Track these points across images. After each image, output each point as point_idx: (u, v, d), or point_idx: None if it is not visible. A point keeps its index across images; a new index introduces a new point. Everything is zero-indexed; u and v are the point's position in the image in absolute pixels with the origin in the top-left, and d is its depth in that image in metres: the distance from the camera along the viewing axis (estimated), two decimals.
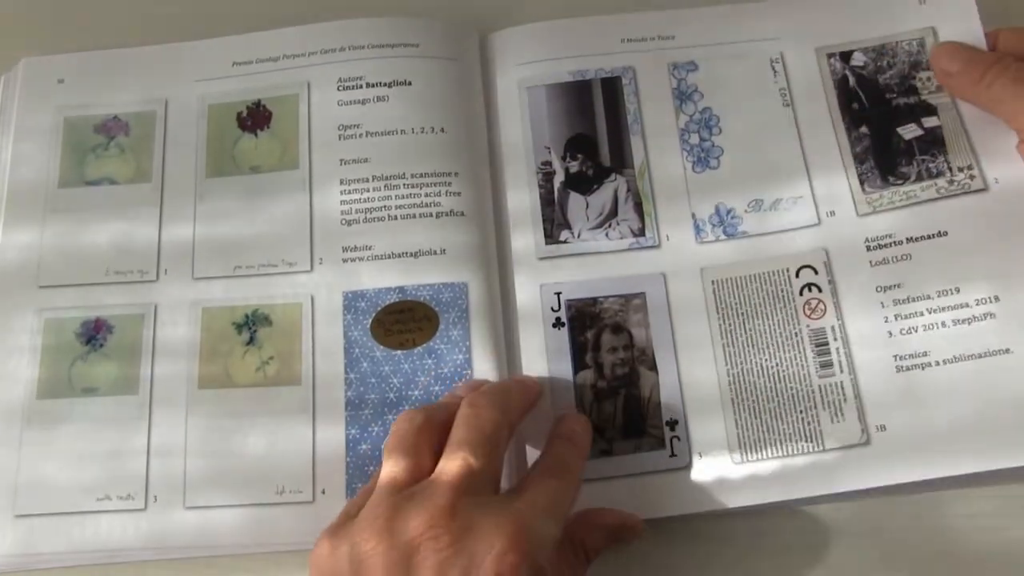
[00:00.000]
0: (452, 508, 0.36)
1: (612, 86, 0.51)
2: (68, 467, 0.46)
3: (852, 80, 0.50)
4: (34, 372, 0.48)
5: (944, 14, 0.50)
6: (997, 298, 0.45)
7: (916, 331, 0.45)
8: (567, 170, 0.50)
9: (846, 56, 0.51)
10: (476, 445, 0.39)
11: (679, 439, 0.46)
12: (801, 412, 0.45)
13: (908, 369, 0.45)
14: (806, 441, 0.45)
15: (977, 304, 0.45)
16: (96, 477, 0.46)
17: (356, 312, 0.48)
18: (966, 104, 0.49)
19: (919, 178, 0.48)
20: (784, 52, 0.51)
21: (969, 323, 0.45)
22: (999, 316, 0.45)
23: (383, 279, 0.49)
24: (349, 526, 0.38)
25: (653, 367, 0.47)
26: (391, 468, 0.39)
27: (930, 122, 0.49)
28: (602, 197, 0.50)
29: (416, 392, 0.47)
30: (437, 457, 0.39)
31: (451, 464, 0.38)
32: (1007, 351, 0.45)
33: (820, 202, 0.49)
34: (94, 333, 0.49)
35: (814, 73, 0.51)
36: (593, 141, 0.51)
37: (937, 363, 0.45)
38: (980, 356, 0.45)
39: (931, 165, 0.48)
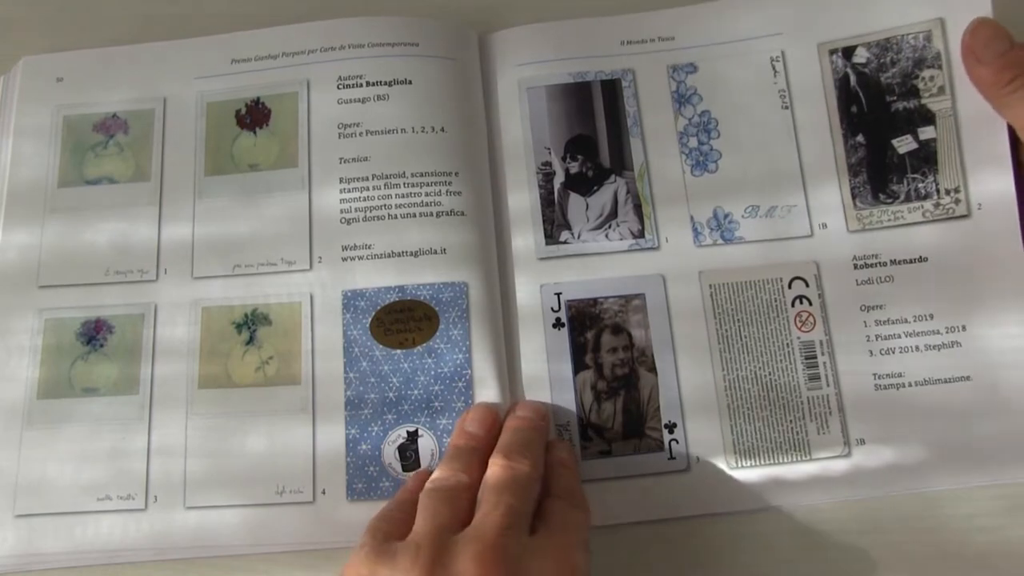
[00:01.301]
0: (502, 548, 0.37)
1: (612, 88, 0.51)
2: (68, 467, 0.47)
3: (853, 79, 0.50)
4: (35, 372, 0.48)
5: (954, 4, 0.49)
6: (964, 327, 0.47)
7: (893, 352, 0.47)
8: (567, 171, 0.50)
9: (848, 52, 0.50)
10: (516, 491, 0.40)
11: (677, 442, 0.46)
12: (791, 422, 0.46)
13: (885, 388, 0.47)
14: (795, 450, 0.46)
15: (947, 332, 0.47)
16: (96, 477, 0.46)
17: (355, 311, 0.48)
18: (965, 111, 0.48)
19: (908, 198, 0.48)
20: (785, 50, 0.51)
21: (939, 349, 0.47)
22: (964, 345, 0.47)
23: (382, 278, 0.49)
24: (391, 552, 0.38)
25: (652, 368, 0.47)
26: (433, 509, 0.40)
27: (926, 133, 0.49)
28: (602, 198, 0.50)
29: (416, 391, 0.47)
30: (471, 513, 0.40)
31: (495, 507, 0.39)
32: (967, 378, 0.46)
33: (813, 213, 0.49)
34: (94, 333, 0.49)
35: (815, 72, 0.50)
36: (593, 142, 0.51)
37: (910, 384, 0.47)
38: (946, 381, 0.46)
39: (920, 185, 0.48)
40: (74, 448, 0.47)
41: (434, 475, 0.42)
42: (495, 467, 0.41)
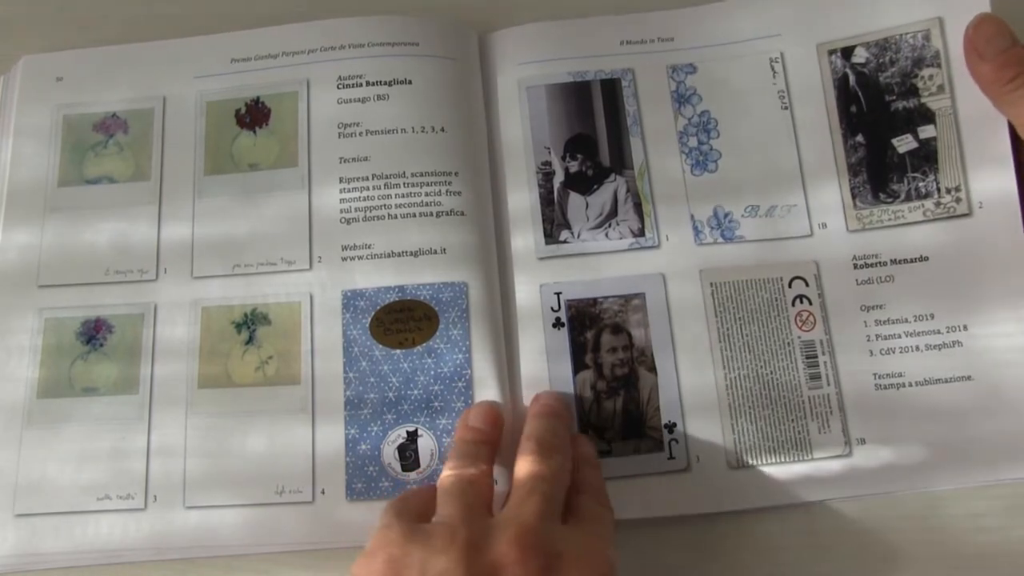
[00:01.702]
0: (541, 532, 0.37)
1: (611, 87, 0.51)
2: (68, 467, 0.47)
3: (852, 79, 0.50)
4: (34, 372, 0.48)
5: (952, 2, 0.49)
6: (966, 327, 0.47)
7: (894, 352, 0.47)
8: (567, 170, 0.50)
9: (848, 53, 0.50)
10: (550, 479, 0.40)
11: (677, 442, 0.46)
12: (792, 421, 0.46)
13: (885, 388, 0.47)
14: (797, 450, 0.46)
15: (948, 331, 0.47)
16: (96, 477, 0.46)
17: (355, 311, 0.48)
18: (965, 109, 0.48)
19: (908, 198, 0.48)
20: (784, 51, 0.51)
21: (940, 349, 0.47)
22: (966, 345, 0.47)
23: (382, 278, 0.48)
24: (425, 532, 0.38)
25: (652, 368, 0.47)
26: (458, 493, 0.40)
27: (926, 132, 0.49)
28: (602, 197, 0.50)
29: (415, 391, 0.47)
30: (491, 502, 0.41)
31: (531, 493, 0.39)
32: (969, 378, 0.46)
33: (813, 213, 0.49)
34: (94, 333, 0.49)
35: (814, 73, 0.50)
36: (593, 141, 0.51)
37: (910, 384, 0.46)
38: (947, 381, 0.46)
39: (921, 184, 0.48)
40: (74, 448, 0.47)
41: (449, 467, 0.42)
42: (528, 455, 0.41)
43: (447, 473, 0.42)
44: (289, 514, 0.45)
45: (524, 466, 0.41)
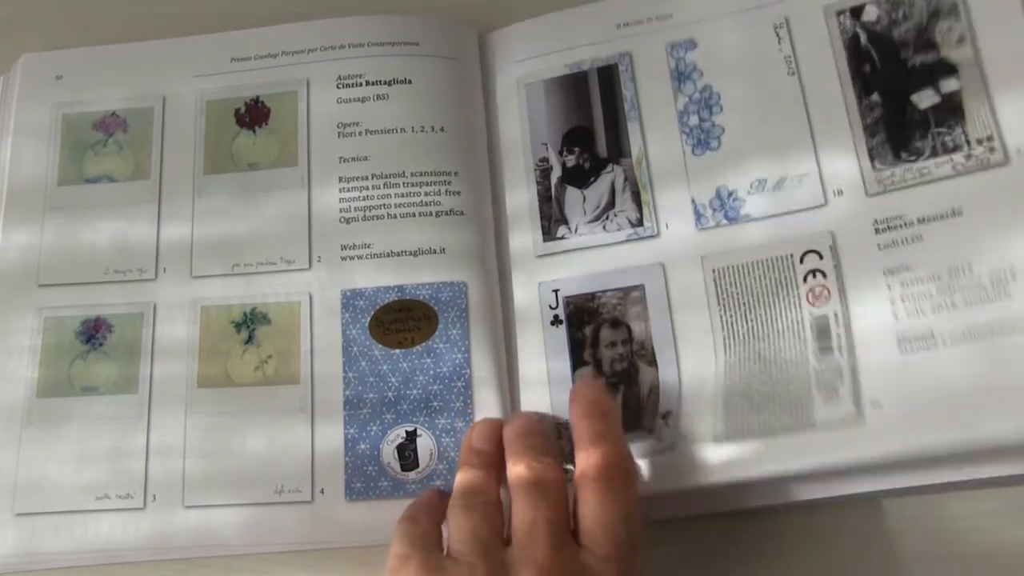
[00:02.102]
0: (558, 569, 0.37)
1: (608, 75, 0.51)
2: (68, 466, 0.47)
3: (864, 38, 0.47)
4: (34, 372, 0.48)
5: None
6: (1014, 273, 0.40)
7: (924, 313, 0.41)
8: (564, 164, 0.50)
9: (857, 12, 0.47)
10: (549, 501, 0.39)
11: (668, 426, 0.44)
12: (793, 392, 0.42)
13: (914, 351, 0.41)
14: (791, 417, 0.42)
15: (991, 281, 0.41)
16: (96, 476, 0.46)
17: (354, 311, 0.48)
18: (991, 57, 0.44)
19: (934, 153, 0.44)
20: (789, 16, 0.48)
21: (981, 301, 0.41)
22: (1013, 294, 0.40)
23: (382, 278, 0.48)
24: (443, 569, 0.38)
25: (652, 362, 0.46)
26: (472, 526, 0.39)
27: (949, 85, 0.45)
28: (599, 189, 0.49)
29: (415, 391, 0.47)
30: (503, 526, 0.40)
31: (536, 527, 0.38)
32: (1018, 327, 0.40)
33: (827, 180, 0.45)
34: (94, 332, 0.49)
35: (822, 35, 0.47)
36: (590, 132, 0.50)
37: (944, 342, 0.41)
38: (990, 335, 0.40)
39: (947, 138, 0.44)
40: (73, 447, 0.47)
41: (459, 493, 0.42)
42: (521, 487, 0.40)
43: (459, 498, 0.41)
44: (288, 514, 0.45)
45: (520, 498, 0.40)
